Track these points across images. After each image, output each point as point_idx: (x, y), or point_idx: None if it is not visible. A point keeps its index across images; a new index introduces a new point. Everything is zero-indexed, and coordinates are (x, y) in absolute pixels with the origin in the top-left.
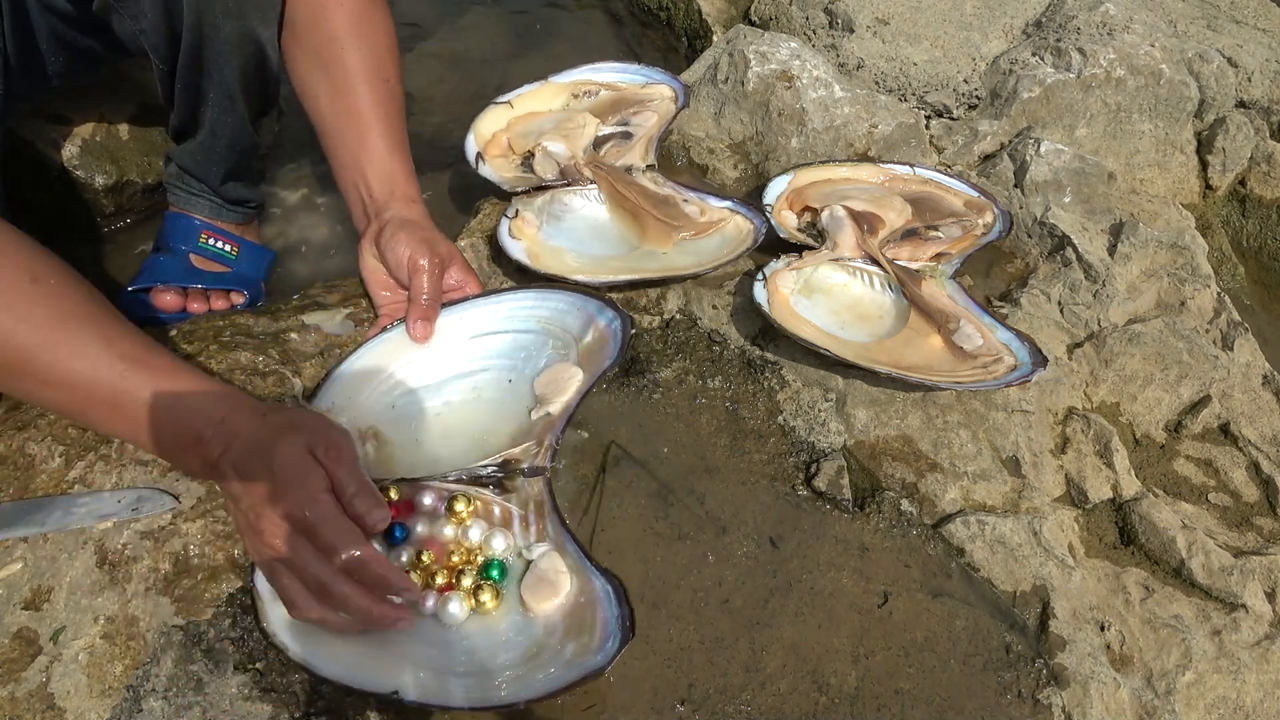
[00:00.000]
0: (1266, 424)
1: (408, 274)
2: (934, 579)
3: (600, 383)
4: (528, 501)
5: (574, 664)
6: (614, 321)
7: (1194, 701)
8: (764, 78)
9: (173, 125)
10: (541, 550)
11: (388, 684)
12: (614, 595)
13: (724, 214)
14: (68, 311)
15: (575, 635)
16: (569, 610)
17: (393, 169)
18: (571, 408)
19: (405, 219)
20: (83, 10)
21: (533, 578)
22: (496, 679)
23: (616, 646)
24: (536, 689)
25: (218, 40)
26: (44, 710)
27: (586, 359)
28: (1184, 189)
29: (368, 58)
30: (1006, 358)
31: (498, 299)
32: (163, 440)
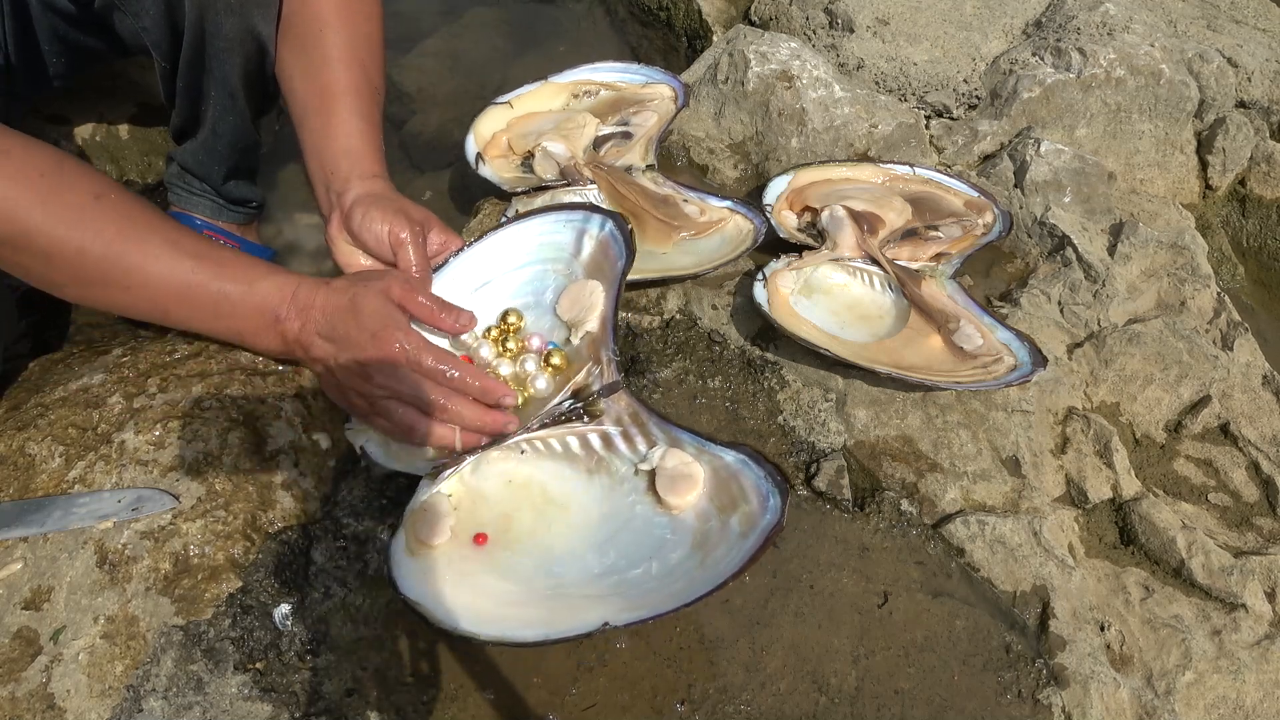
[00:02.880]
0: (1266, 424)
1: (391, 250)
2: (934, 579)
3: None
4: (620, 417)
5: (749, 532)
6: (605, 224)
7: (1194, 701)
8: (764, 78)
9: (174, 124)
10: (659, 452)
11: (590, 622)
12: (751, 460)
13: (724, 214)
14: (133, 222)
15: (733, 509)
16: (714, 492)
17: (359, 146)
18: (610, 317)
19: (370, 194)
20: (84, 9)
21: (665, 479)
22: (681, 573)
23: (780, 501)
24: (729, 565)
25: (219, 37)
26: (44, 710)
27: (595, 271)
28: (1184, 189)
29: (347, 42)
30: (1006, 358)
31: (482, 245)
32: (242, 326)
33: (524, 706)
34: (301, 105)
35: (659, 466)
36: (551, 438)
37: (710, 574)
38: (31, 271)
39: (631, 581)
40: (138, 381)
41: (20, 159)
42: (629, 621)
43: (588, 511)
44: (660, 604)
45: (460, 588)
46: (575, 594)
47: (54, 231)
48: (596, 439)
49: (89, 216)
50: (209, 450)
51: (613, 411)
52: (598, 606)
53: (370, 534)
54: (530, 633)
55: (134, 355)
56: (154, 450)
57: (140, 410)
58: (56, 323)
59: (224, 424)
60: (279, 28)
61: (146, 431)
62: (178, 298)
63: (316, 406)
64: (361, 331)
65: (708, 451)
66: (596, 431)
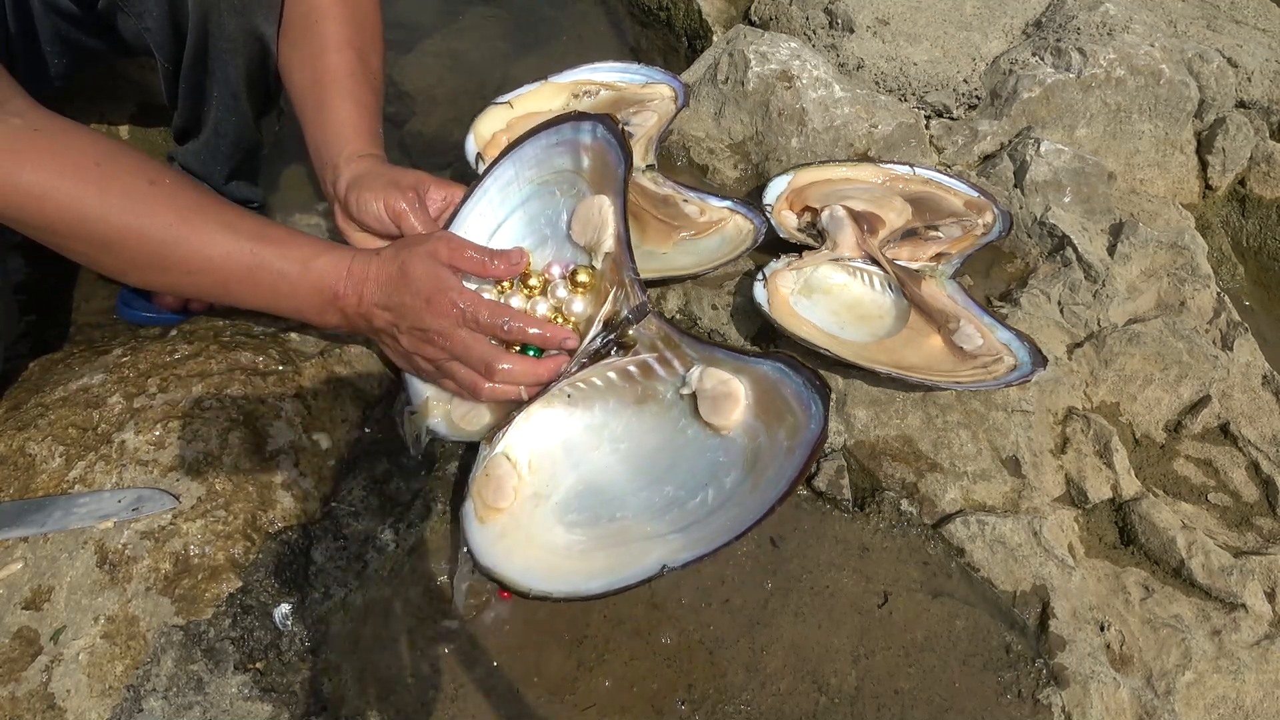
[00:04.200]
0: (1266, 424)
1: (394, 224)
2: (934, 579)
3: None
4: (653, 342)
5: (795, 447)
6: (596, 129)
7: (1194, 701)
8: (764, 78)
9: (176, 125)
10: (696, 373)
11: (649, 568)
12: (788, 368)
13: (724, 214)
14: (189, 205)
15: (779, 422)
16: (757, 407)
17: (346, 130)
18: (623, 232)
19: (358, 176)
20: (87, 10)
21: (707, 401)
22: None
23: (822, 408)
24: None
25: (222, 38)
26: (44, 710)
27: (599, 182)
28: (1184, 189)
29: (343, 29)
30: (1006, 358)
31: (482, 190)
32: (302, 304)
33: (524, 706)
34: (299, 95)
35: (699, 388)
36: (593, 376)
37: (761, 498)
38: (94, 259)
39: (689, 513)
40: (138, 381)
41: (75, 149)
42: (686, 561)
43: (642, 443)
44: (715, 537)
45: (531, 547)
46: (636, 534)
47: (115, 219)
48: (635, 369)
49: (147, 202)
50: (209, 450)
51: (645, 338)
52: (656, 548)
53: (370, 534)
54: (596, 584)
55: (134, 355)
56: (154, 450)
57: (140, 410)
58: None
59: (224, 424)
60: (280, 23)
61: (147, 431)
62: (239, 279)
63: (316, 406)
64: (416, 297)
65: (747, 365)
66: (633, 362)
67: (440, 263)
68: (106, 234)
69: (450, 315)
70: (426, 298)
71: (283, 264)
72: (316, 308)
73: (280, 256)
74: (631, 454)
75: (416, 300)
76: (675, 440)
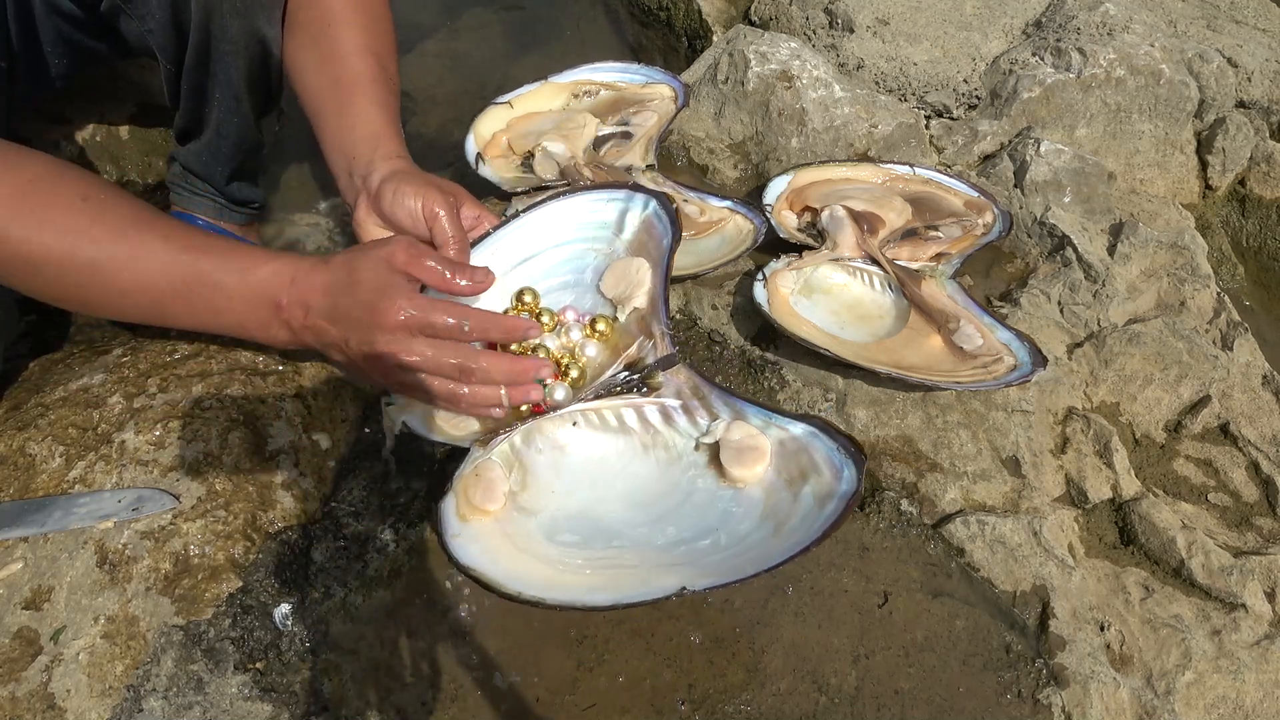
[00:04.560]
0: (1266, 424)
1: (426, 223)
2: (934, 579)
3: None
4: (680, 390)
5: (826, 500)
6: (649, 204)
7: (1194, 701)
8: (764, 78)
9: (178, 125)
10: (723, 424)
11: (666, 588)
12: (822, 432)
13: (724, 214)
14: (124, 220)
15: (804, 481)
16: (782, 465)
17: (378, 130)
18: (660, 295)
19: (397, 172)
20: (90, 12)
21: (730, 452)
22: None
23: (855, 471)
24: (810, 532)
25: (225, 39)
26: (44, 710)
27: (639, 250)
28: (1184, 189)
29: (358, 34)
30: (1006, 358)
31: (521, 222)
32: (244, 319)
33: (524, 706)
34: (317, 97)
35: (724, 439)
36: (606, 410)
37: (788, 542)
38: (23, 283)
39: (701, 551)
40: (138, 381)
41: (7, 167)
42: (708, 586)
43: (644, 486)
44: (739, 569)
45: (520, 554)
46: (640, 564)
47: (39, 238)
48: (655, 413)
49: (75, 219)
50: (209, 450)
51: (671, 385)
52: (670, 574)
53: (370, 534)
54: (601, 598)
55: (134, 355)
56: (154, 450)
57: (140, 410)
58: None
59: (224, 424)
60: (286, 26)
61: (147, 431)
62: (174, 295)
63: (316, 406)
64: (360, 306)
65: (774, 424)
66: (655, 405)
67: (394, 268)
68: (30, 253)
69: (397, 322)
70: (370, 305)
71: (220, 275)
72: (259, 322)
73: (218, 267)
74: (629, 494)
75: (360, 310)
76: (682, 487)
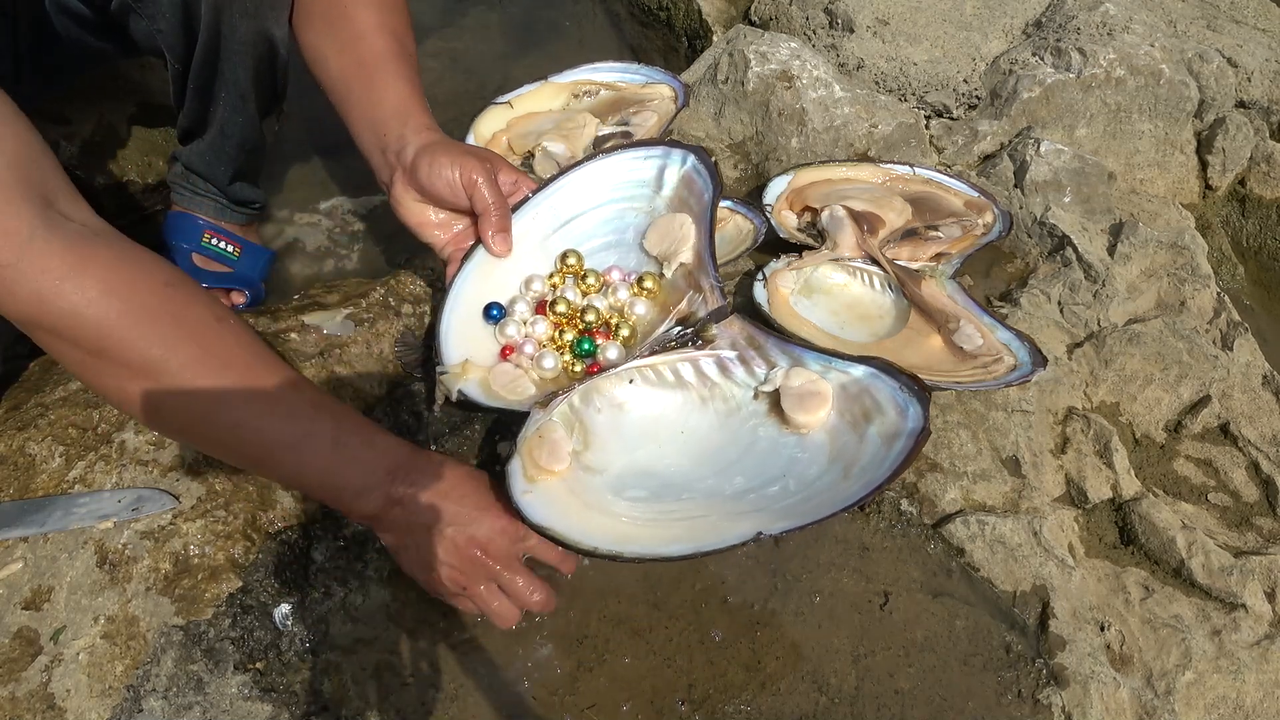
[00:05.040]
0: (1266, 424)
1: (465, 192)
2: (934, 579)
3: None
4: (735, 341)
5: (894, 438)
6: (687, 159)
7: (1194, 701)
8: (764, 78)
9: (181, 125)
10: (780, 372)
11: (743, 533)
12: (883, 372)
13: (724, 214)
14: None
15: (868, 422)
16: (844, 407)
17: (406, 106)
18: (706, 249)
19: (431, 144)
20: (99, 13)
21: (792, 398)
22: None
23: (921, 409)
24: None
25: (234, 40)
26: (44, 710)
27: (680, 206)
28: (1184, 189)
29: (375, 14)
30: (1006, 358)
31: (559, 185)
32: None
33: (524, 706)
34: (341, 79)
35: (784, 386)
36: (662, 365)
37: (860, 482)
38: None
39: (772, 497)
40: None
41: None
42: (785, 529)
43: (705, 438)
44: (814, 511)
45: (590, 511)
46: (713, 513)
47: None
48: (712, 365)
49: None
50: None
51: (726, 336)
52: (744, 520)
53: (370, 534)
54: (677, 548)
55: None
56: (154, 450)
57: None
58: None
59: None
60: (297, 12)
61: (146, 431)
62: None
63: None
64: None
65: (834, 368)
66: (711, 357)
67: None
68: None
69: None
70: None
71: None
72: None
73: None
74: (691, 448)
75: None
76: (744, 437)
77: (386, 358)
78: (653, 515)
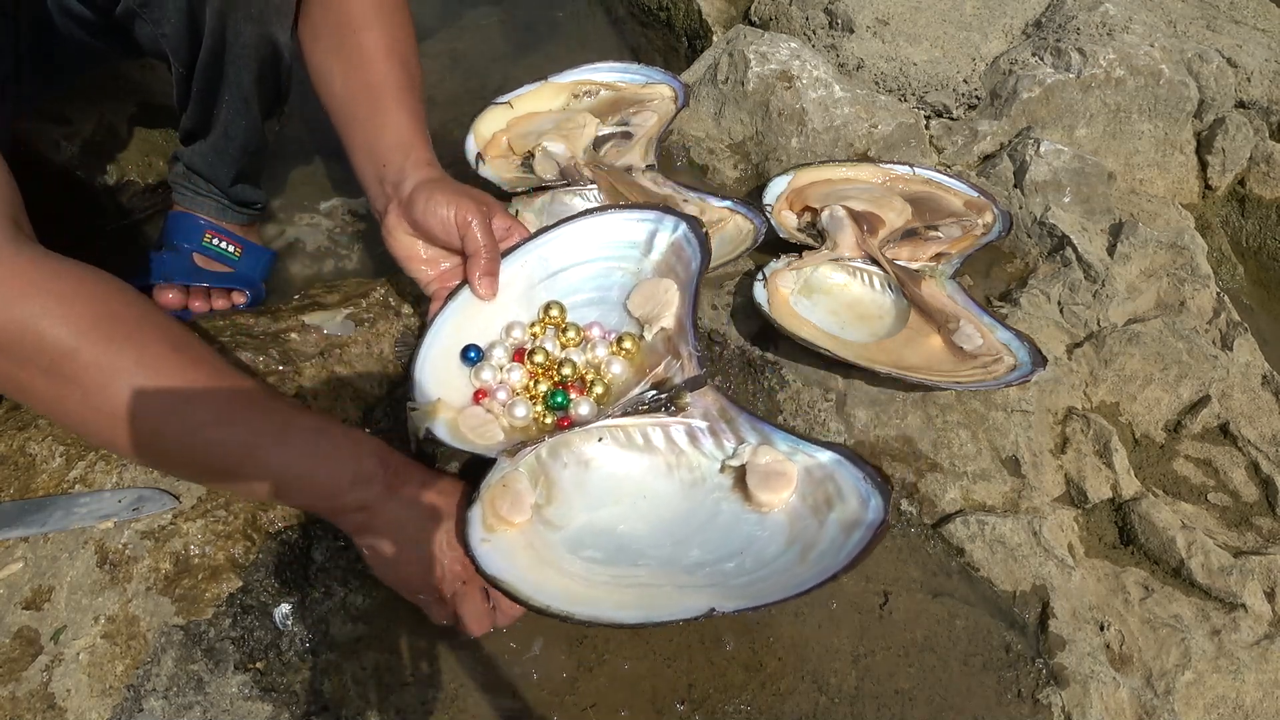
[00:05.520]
0: (1266, 424)
1: (458, 233)
2: (934, 579)
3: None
4: (708, 412)
5: (853, 529)
6: (678, 226)
7: (1193, 701)
8: (764, 78)
9: (184, 126)
10: (749, 448)
11: (694, 608)
12: (848, 460)
13: (724, 214)
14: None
15: (829, 509)
16: (807, 491)
17: (408, 138)
18: (688, 316)
19: (430, 180)
20: (103, 16)
21: (757, 476)
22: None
23: (882, 500)
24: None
25: (238, 44)
26: (44, 710)
27: (666, 271)
28: (1184, 189)
29: (382, 37)
30: (1006, 358)
31: (551, 236)
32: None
33: (524, 706)
34: (345, 104)
35: (750, 463)
36: (633, 427)
37: (816, 568)
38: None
39: (728, 573)
40: None
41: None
42: (738, 609)
43: (667, 505)
44: (768, 593)
45: (545, 567)
46: (667, 583)
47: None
48: (682, 433)
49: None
50: None
51: (699, 406)
52: (698, 595)
53: None
54: (627, 615)
55: None
56: None
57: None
58: None
59: None
60: (304, 27)
61: None
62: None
63: (317, 406)
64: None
65: (801, 450)
66: (682, 425)
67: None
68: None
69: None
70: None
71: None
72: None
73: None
74: (652, 514)
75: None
76: (706, 508)
77: (386, 358)
78: (607, 578)
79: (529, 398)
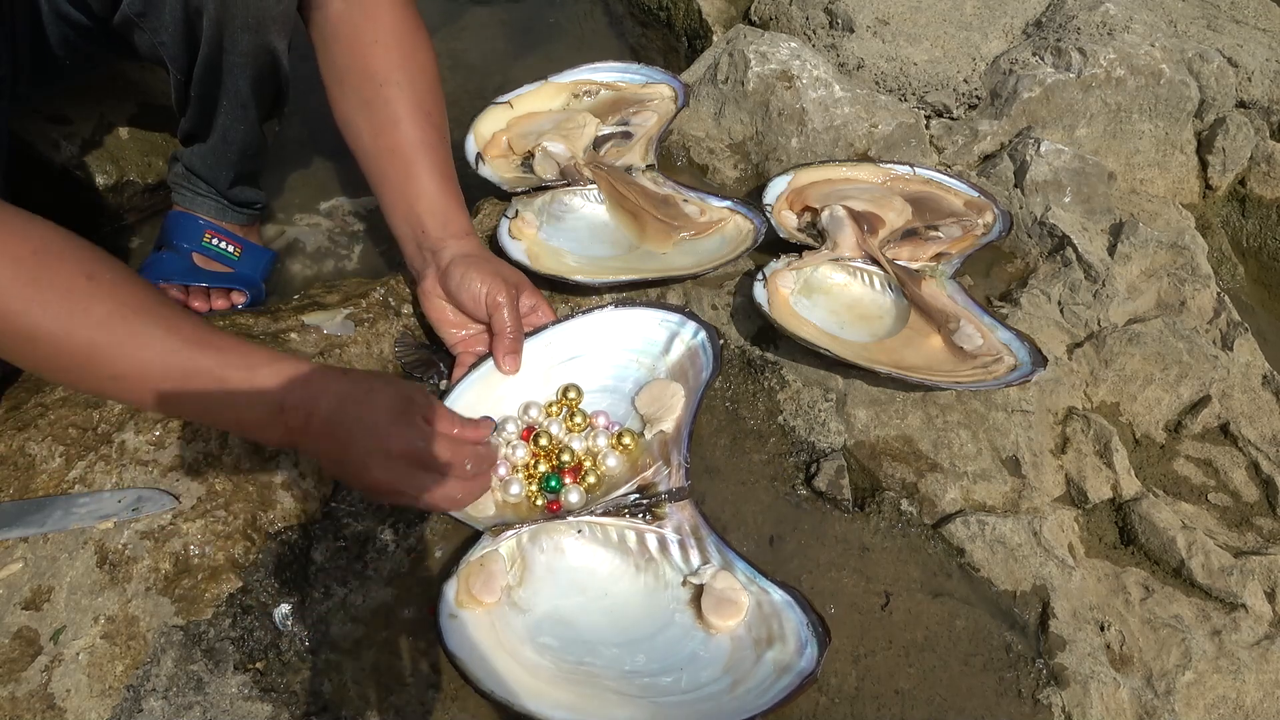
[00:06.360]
0: (1266, 424)
1: (487, 310)
2: (934, 579)
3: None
4: (681, 526)
5: (783, 673)
6: (698, 333)
7: (1194, 701)
8: (764, 78)
9: (183, 129)
10: (710, 570)
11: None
12: (798, 604)
13: (724, 214)
14: (126, 304)
15: (769, 646)
16: (754, 623)
17: (444, 204)
18: (687, 425)
19: (468, 254)
20: (100, 24)
21: (711, 599)
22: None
23: (817, 651)
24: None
25: (235, 52)
26: (44, 710)
27: (678, 374)
28: (1184, 189)
29: (409, 93)
30: (1006, 358)
31: (576, 322)
32: (243, 416)
33: None
34: (376, 163)
35: (708, 585)
36: (610, 526)
37: (740, 704)
38: (18, 356)
39: (661, 689)
40: None
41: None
42: None
43: (628, 605)
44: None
45: (499, 652)
46: (605, 684)
47: (37, 312)
48: (654, 540)
49: (76, 297)
50: (209, 450)
51: (675, 519)
52: (627, 705)
53: (370, 534)
54: (559, 715)
55: None
56: (154, 450)
57: (140, 410)
58: None
59: None
60: (330, 76)
61: (146, 431)
62: (171, 385)
63: None
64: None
65: (757, 583)
66: (655, 533)
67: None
68: (27, 327)
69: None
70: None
71: (222, 370)
72: (256, 421)
73: (221, 363)
74: (613, 610)
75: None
76: (662, 616)
77: (386, 358)
78: (552, 672)
79: (525, 477)
